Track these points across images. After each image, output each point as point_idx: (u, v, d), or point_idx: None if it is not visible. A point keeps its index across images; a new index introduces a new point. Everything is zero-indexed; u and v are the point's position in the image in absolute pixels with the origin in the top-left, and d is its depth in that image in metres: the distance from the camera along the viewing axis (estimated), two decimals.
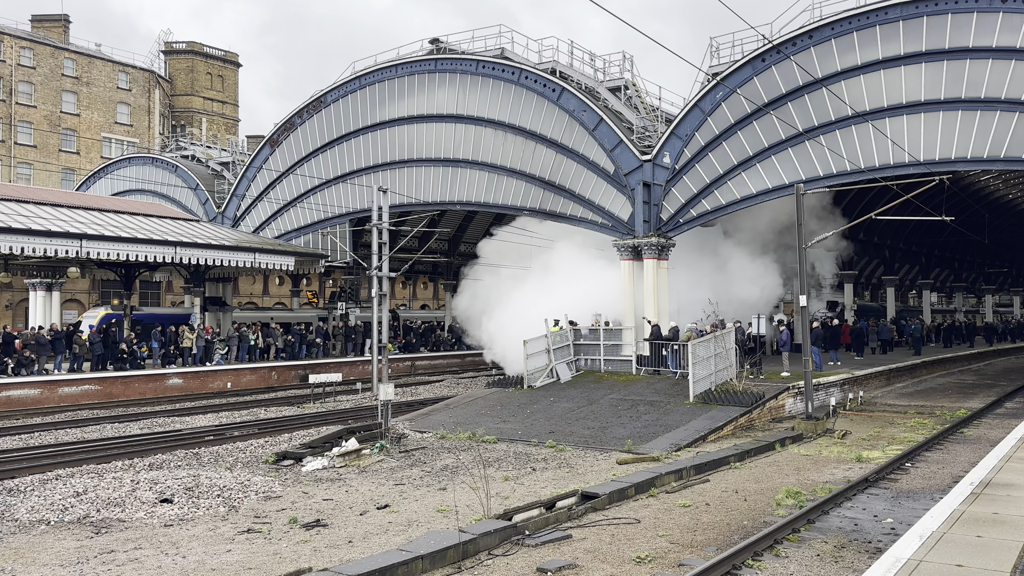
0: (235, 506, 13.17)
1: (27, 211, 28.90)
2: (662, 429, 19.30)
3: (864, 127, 26.27)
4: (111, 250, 28.77)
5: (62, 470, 15.93)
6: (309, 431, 20.96)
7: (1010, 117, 24.24)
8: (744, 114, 28.13)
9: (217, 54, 76.09)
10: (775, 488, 13.67)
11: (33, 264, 34.13)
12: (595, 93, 32.32)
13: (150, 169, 48.72)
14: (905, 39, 25.71)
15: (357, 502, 13.41)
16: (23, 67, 59.86)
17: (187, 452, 17.99)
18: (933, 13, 25.20)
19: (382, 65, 37.50)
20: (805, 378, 20.86)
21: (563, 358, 26.32)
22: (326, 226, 40.60)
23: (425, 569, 9.37)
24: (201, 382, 31.96)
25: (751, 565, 9.56)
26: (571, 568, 9.54)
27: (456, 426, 20.88)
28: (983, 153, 24.74)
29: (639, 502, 12.81)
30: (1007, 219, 54.28)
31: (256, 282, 63.94)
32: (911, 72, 25.81)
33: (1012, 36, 24.06)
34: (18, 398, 26.57)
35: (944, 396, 27.51)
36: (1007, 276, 70.78)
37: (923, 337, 38.41)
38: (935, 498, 12.27)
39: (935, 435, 18.68)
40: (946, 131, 25.27)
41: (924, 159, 25.39)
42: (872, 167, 26.33)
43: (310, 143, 40.48)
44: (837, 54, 26.77)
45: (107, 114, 64.64)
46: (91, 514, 12.55)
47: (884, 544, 10.11)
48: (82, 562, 10.20)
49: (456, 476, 15.12)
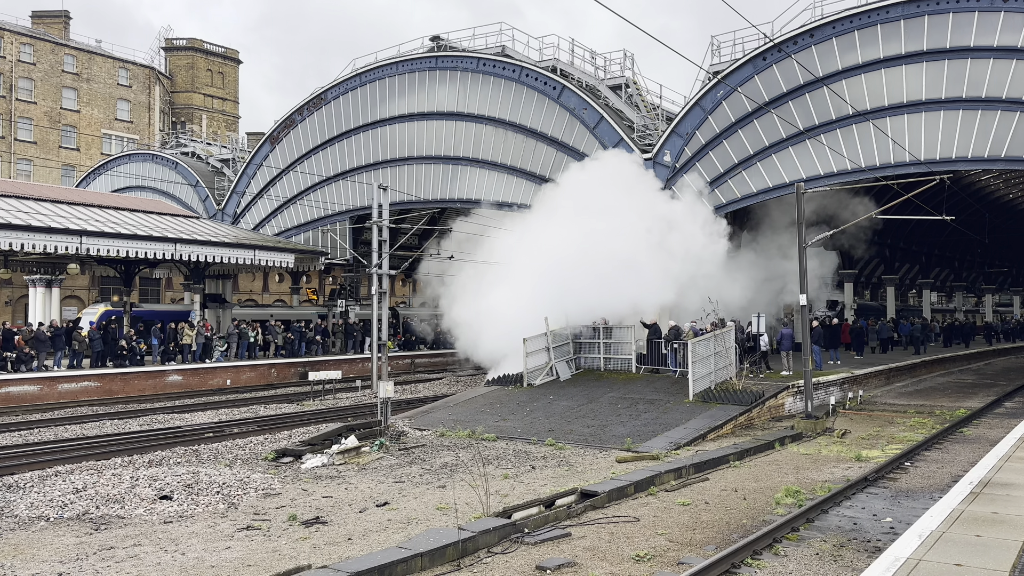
0: (234, 503, 13.17)
1: (27, 207, 28.90)
2: (661, 427, 19.30)
3: (865, 126, 26.28)
4: (111, 247, 28.77)
5: (61, 466, 15.92)
6: (308, 428, 20.96)
7: (1011, 117, 24.25)
8: (745, 112, 28.14)
9: (217, 51, 76.04)
10: (774, 487, 13.67)
11: (33, 260, 34.13)
12: (596, 91, 32.33)
13: (150, 166, 48.71)
14: (906, 38, 25.71)
15: (356, 499, 13.41)
16: (23, 63, 59.81)
17: (186, 449, 17.99)
18: (934, 12, 25.20)
19: (383, 62, 37.50)
20: (805, 377, 20.87)
21: (562, 356, 26.32)
22: (326, 223, 40.63)
23: (424, 567, 9.37)
24: (201, 379, 31.96)
25: (750, 564, 9.55)
26: (570, 566, 9.54)
27: (456, 424, 20.88)
28: (984, 153, 24.75)
29: (638, 500, 12.80)
30: (1007, 219, 54.27)
31: (256, 279, 63.93)
32: (912, 71, 25.82)
33: (1013, 36, 24.06)
34: (18, 394, 26.57)
35: (943, 395, 27.52)
36: (1007, 276, 70.80)
37: (924, 336, 38.32)
38: (934, 497, 12.27)
39: (934, 434, 18.69)
40: (947, 130, 25.27)
41: (925, 158, 25.38)
42: (873, 166, 26.35)
43: (310, 140, 40.48)
44: (838, 53, 26.78)
45: (107, 110, 64.60)
46: (90, 511, 12.54)
47: (883, 543, 10.11)
48: (81, 558, 10.20)
49: (455, 474, 15.12)
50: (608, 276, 24.85)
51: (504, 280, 26.77)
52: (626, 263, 24.95)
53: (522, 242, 27.37)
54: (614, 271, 24.90)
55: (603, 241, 24.89)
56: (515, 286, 25.91)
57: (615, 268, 24.90)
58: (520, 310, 25.33)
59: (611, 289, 25.03)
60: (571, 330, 26.78)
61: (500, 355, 26.79)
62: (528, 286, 25.61)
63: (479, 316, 26.94)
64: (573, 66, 33.53)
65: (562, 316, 26.28)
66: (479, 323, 27.10)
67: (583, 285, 25.19)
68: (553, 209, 27.42)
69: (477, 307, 26.94)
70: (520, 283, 25.90)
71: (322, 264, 39.78)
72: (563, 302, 25.85)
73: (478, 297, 27.26)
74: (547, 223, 26.99)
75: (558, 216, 26.75)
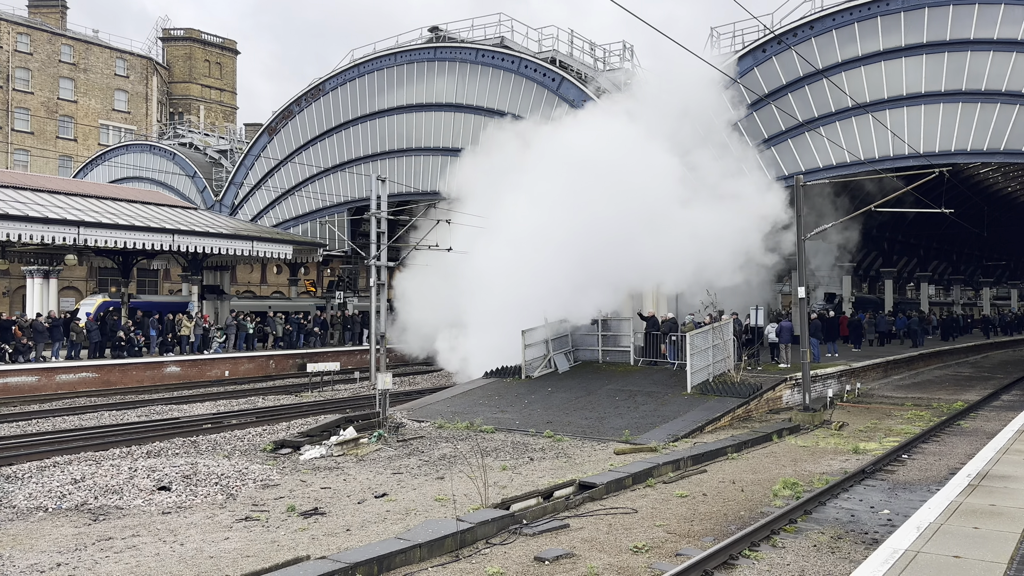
0: (233, 494, 13.17)
1: (24, 198, 28.80)
2: (660, 420, 19.32)
3: (864, 119, 26.24)
4: (108, 237, 28.69)
5: (60, 457, 15.93)
6: (307, 420, 20.96)
7: (1010, 110, 24.23)
8: (744, 104, 28.06)
9: (215, 41, 75.74)
10: (772, 479, 13.69)
11: (30, 251, 34.05)
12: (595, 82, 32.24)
13: (148, 156, 48.60)
14: (906, 30, 25.66)
15: (355, 491, 13.42)
16: (20, 53, 59.54)
17: (185, 440, 17.99)
18: (934, 4, 25.14)
19: (381, 53, 37.38)
20: (803, 370, 20.89)
21: (561, 348, 26.32)
22: (324, 215, 40.56)
23: (423, 557, 9.38)
24: (199, 370, 31.95)
25: (748, 555, 9.57)
26: (568, 557, 9.56)
27: (454, 415, 20.89)
28: (983, 146, 24.73)
29: (636, 492, 12.83)
30: (1006, 212, 54.32)
31: (254, 271, 63.82)
32: (912, 64, 25.78)
33: (1014, 28, 24.01)
34: (16, 385, 26.55)
35: (941, 388, 27.56)
36: (1005, 269, 70.91)
37: (922, 329, 38.33)
38: (932, 490, 12.30)
39: (932, 427, 18.72)
40: (946, 123, 25.25)
41: (924, 151, 25.36)
42: (872, 159, 26.32)
43: (308, 131, 40.38)
44: (838, 45, 26.73)
45: (104, 101, 64.36)
46: (89, 501, 12.55)
47: (881, 535, 10.14)
48: (80, 549, 10.20)
49: (454, 465, 15.13)
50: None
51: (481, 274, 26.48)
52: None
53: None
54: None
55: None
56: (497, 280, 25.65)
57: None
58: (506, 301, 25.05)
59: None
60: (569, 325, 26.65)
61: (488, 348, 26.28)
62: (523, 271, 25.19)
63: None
64: (572, 57, 33.44)
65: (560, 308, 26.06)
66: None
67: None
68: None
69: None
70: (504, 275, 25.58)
71: (320, 256, 39.71)
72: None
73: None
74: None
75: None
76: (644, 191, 23.97)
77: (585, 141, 25.16)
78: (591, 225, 23.94)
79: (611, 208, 23.82)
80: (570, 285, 24.90)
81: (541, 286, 24.83)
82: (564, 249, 24.29)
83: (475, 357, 26.35)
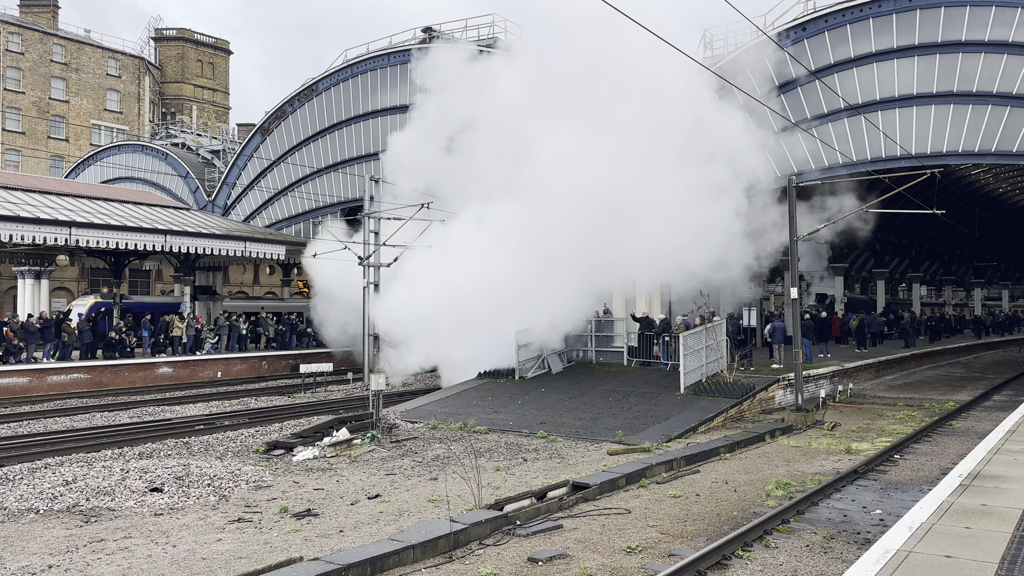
0: (225, 495, 13.13)
1: (15, 198, 28.67)
2: (653, 420, 19.34)
3: (856, 120, 26.33)
4: (100, 238, 28.58)
5: (51, 458, 15.85)
6: (300, 421, 20.92)
7: (1001, 111, 24.34)
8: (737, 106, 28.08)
9: (208, 41, 75.55)
10: (765, 479, 13.72)
11: (21, 252, 33.87)
12: None
13: (140, 157, 48.42)
14: (898, 32, 25.77)
15: (348, 492, 13.39)
16: (11, 52, 59.26)
17: (177, 441, 17.93)
18: (926, 6, 25.26)
19: (374, 53, 37.34)
20: (795, 370, 20.94)
21: (554, 349, 26.31)
22: (318, 215, 40.47)
23: (416, 559, 9.37)
24: (191, 371, 31.85)
25: (741, 555, 9.59)
26: (562, 558, 9.56)
27: (447, 416, 20.88)
28: (974, 147, 24.85)
29: (630, 492, 12.84)
30: (997, 213, 54.57)
31: (247, 271, 63.67)
32: (904, 65, 25.88)
33: (1005, 30, 24.13)
34: (6, 386, 26.42)
35: (933, 389, 27.67)
36: (996, 270, 71.23)
37: (914, 330, 38.47)
38: (924, 490, 12.35)
39: (924, 427, 18.79)
40: (938, 125, 25.35)
41: (916, 152, 25.46)
42: (864, 160, 26.41)
43: (301, 132, 40.30)
44: (830, 46, 26.82)
45: (96, 101, 64.10)
46: (80, 503, 12.49)
47: (873, 535, 10.17)
48: (71, 551, 10.15)
49: (447, 466, 15.12)
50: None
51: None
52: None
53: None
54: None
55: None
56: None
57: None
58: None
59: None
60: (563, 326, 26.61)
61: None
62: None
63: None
64: None
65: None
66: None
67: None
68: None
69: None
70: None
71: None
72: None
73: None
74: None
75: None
76: (635, 194, 24.03)
77: (581, 141, 25.16)
78: (587, 226, 23.97)
79: (604, 209, 23.86)
80: (564, 286, 24.91)
81: (536, 287, 24.82)
82: (558, 250, 24.32)
83: (469, 358, 26.31)
